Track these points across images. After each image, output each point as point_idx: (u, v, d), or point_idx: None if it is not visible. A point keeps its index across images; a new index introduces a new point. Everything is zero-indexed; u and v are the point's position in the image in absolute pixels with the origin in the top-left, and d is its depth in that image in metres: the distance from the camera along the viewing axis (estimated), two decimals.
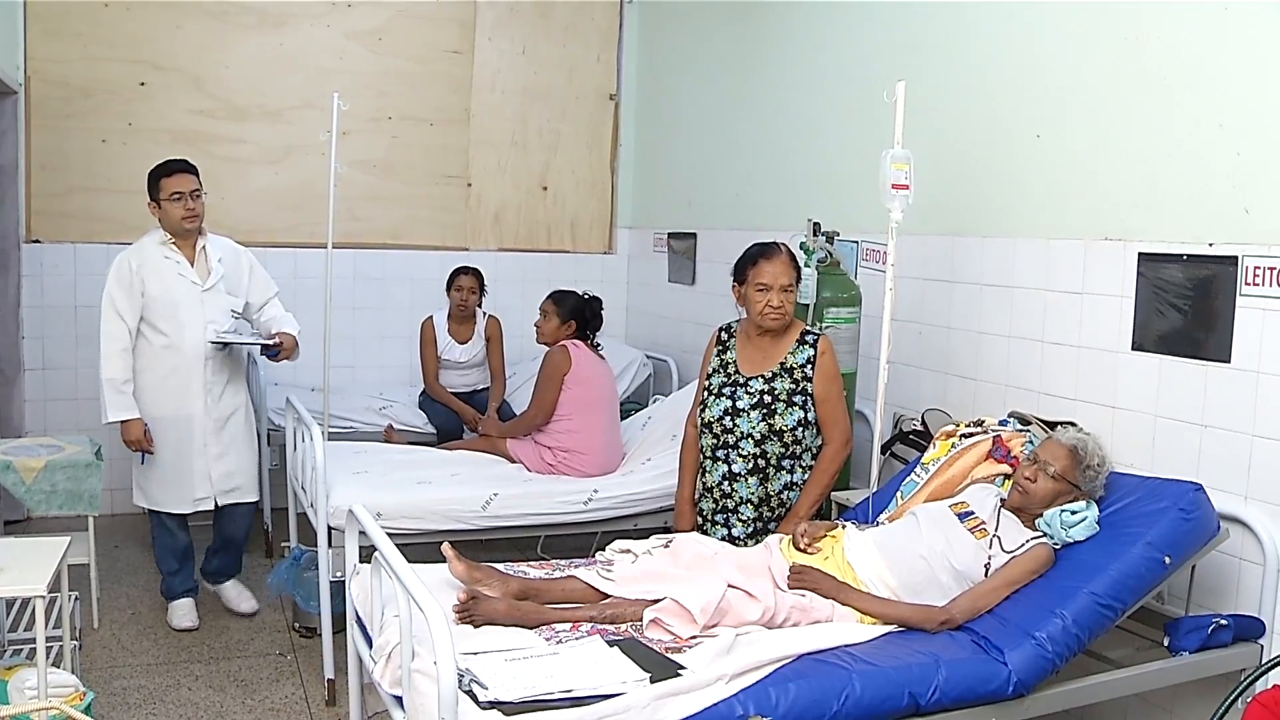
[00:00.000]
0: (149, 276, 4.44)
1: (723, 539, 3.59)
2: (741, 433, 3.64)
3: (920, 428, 4.16)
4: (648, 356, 6.30)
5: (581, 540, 4.82)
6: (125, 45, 6.02)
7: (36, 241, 5.98)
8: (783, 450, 3.63)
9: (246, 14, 6.21)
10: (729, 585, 2.86)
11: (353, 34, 6.42)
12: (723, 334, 3.82)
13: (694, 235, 6.28)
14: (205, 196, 4.54)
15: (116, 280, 4.45)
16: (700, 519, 3.75)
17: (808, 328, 3.77)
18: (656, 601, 2.82)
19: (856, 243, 4.69)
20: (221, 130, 6.22)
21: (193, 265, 4.53)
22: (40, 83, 5.89)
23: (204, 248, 4.57)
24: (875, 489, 3.74)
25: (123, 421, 4.46)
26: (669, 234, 6.57)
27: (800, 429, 3.62)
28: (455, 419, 5.75)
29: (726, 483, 3.68)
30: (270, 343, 4.57)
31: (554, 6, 6.85)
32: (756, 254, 3.68)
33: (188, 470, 4.57)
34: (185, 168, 4.47)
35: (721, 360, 3.76)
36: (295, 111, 6.29)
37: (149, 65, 6.08)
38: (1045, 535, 3.07)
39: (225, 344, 4.55)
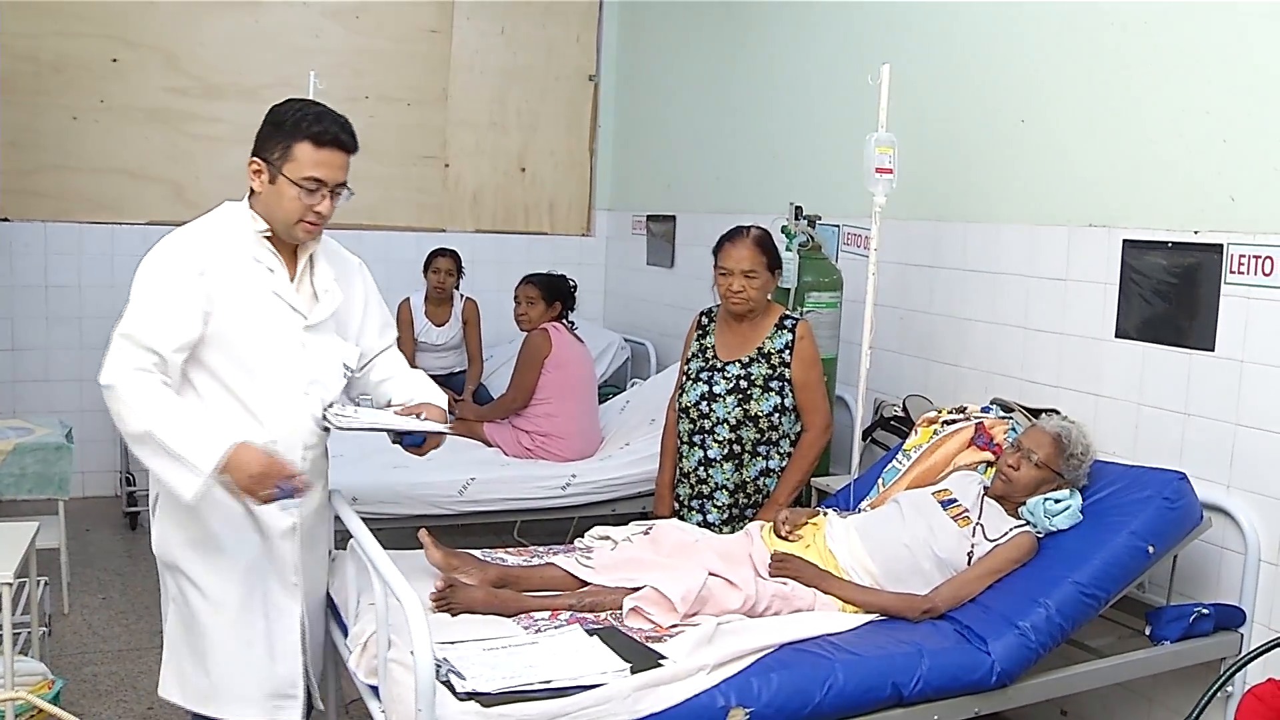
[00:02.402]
0: (227, 287, 2.52)
1: (699, 525, 3.55)
2: (717, 418, 3.60)
3: (901, 414, 4.14)
4: (625, 340, 6.26)
5: (559, 525, 4.79)
6: (97, 20, 5.91)
7: (6, 220, 5.87)
8: (758, 436, 3.59)
9: None
10: (710, 573, 2.82)
11: (329, 12, 6.33)
12: (703, 318, 3.78)
13: (673, 218, 6.23)
14: (350, 198, 2.66)
15: (171, 271, 2.48)
16: (678, 505, 3.72)
17: (787, 312, 3.73)
18: (636, 589, 2.78)
19: (838, 227, 4.66)
20: (195, 108, 6.12)
21: (293, 282, 2.66)
22: (9, 58, 5.77)
23: (310, 258, 2.70)
24: (856, 476, 3.72)
25: (223, 461, 2.38)
26: (648, 216, 6.52)
27: (777, 415, 3.59)
28: None
29: (702, 468, 3.64)
30: (435, 429, 2.68)
31: None
32: (723, 238, 3.65)
33: (265, 639, 2.66)
34: (344, 143, 2.58)
35: (700, 345, 3.72)
36: (270, 90, 6.17)
37: (121, 41, 5.97)
38: (1029, 524, 3.05)
39: (352, 429, 2.66)
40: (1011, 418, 3.50)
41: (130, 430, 2.40)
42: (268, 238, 2.60)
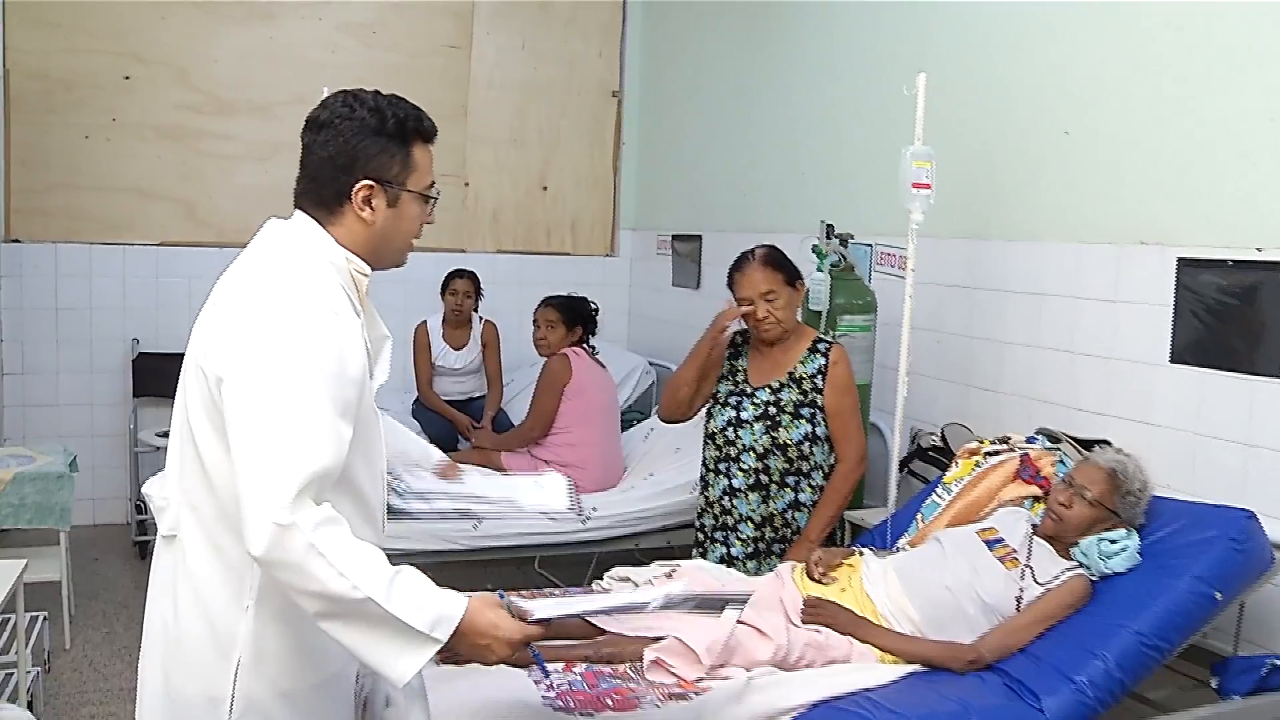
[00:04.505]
0: (353, 371, 1.88)
1: (721, 558, 3.38)
2: (743, 445, 3.40)
3: (940, 443, 3.91)
4: (650, 363, 6.05)
5: (579, 559, 4.58)
6: (108, 37, 5.79)
7: (16, 241, 5.74)
8: (786, 466, 3.38)
9: (234, 5, 5.98)
10: (738, 620, 2.61)
11: (345, 26, 6.18)
12: (738, 337, 3.57)
13: (699, 237, 6.04)
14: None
15: (317, 357, 1.81)
16: (701, 535, 3.52)
17: (820, 336, 3.52)
18: (658, 639, 2.56)
19: (870, 245, 4.45)
20: (208, 126, 5.99)
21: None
22: (20, 75, 5.65)
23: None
24: (893, 510, 3.50)
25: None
26: (673, 236, 6.33)
27: (807, 444, 3.38)
28: (450, 428, 5.51)
29: (727, 498, 3.44)
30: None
31: (554, 1, 6.61)
32: (731, 270, 3.47)
33: None
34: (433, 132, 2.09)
35: (731, 366, 3.52)
36: (285, 107, 6.04)
37: (133, 58, 5.84)
38: (1081, 566, 2.82)
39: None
40: (1059, 449, 3.28)
41: (334, 592, 1.73)
42: (355, 275, 1.99)
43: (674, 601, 1.94)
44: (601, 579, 3.05)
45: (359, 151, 1.94)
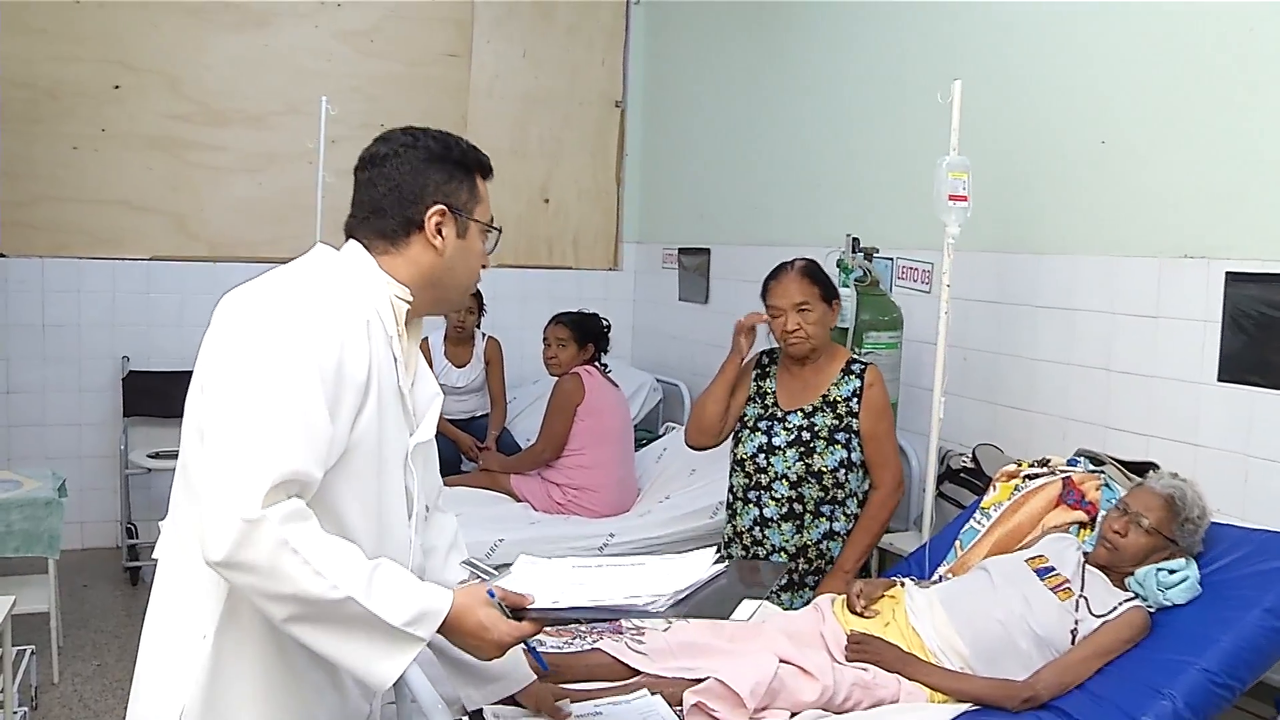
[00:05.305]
0: (356, 372, 1.73)
1: None
2: (776, 473, 3.25)
3: (971, 464, 3.76)
4: (657, 380, 5.89)
5: None
6: (97, 44, 5.61)
7: (2, 256, 5.55)
8: (821, 494, 3.23)
9: (228, 12, 5.80)
10: (781, 660, 2.45)
11: (342, 34, 6.02)
12: (764, 358, 3.41)
13: (707, 251, 5.88)
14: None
15: (320, 343, 1.68)
16: None
17: (854, 356, 3.37)
18: (698, 681, 2.40)
19: (891, 259, 4.30)
20: (200, 136, 5.80)
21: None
22: (5, 84, 5.46)
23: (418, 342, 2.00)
24: (929, 536, 3.34)
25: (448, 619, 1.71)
26: (679, 249, 6.17)
27: (843, 470, 3.22)
28: (453, 449, 5.32)
29: (758, 528, 3.29)
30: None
31: (557, 7, 6.46)
32: (767, 278, 3.34)
33: None
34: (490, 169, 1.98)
35: (759, 389, 3.36)
36: (279, 117, 5.88)
37: (122, 66, 5.66)
38: (1138, 597, 2.67)
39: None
40: (1103, 471, 3.13)
41: (311, 593, 1.58)
42: (403, 303, 1.87)
43: (682, 596, 1.76)
44: None
45: (428, 179, 1.86)
